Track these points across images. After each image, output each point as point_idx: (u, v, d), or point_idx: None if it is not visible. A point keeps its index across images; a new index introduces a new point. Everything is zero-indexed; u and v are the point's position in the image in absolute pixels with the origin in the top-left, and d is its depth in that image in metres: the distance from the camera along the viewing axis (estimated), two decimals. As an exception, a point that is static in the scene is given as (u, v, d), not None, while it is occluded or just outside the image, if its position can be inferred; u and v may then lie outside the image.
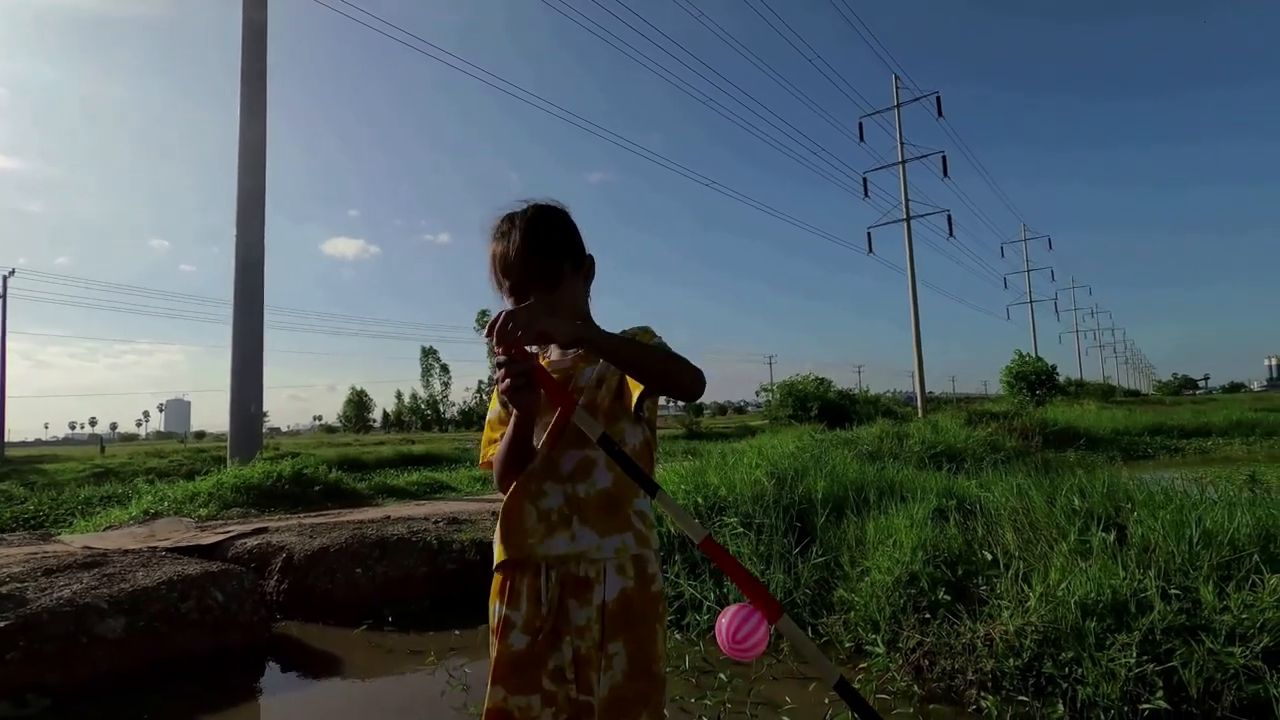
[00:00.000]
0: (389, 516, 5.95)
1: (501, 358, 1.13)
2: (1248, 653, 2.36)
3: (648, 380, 1.18)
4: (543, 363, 1.35)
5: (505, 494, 1.32)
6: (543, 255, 1.28)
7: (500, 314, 1.11)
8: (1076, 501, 3.46)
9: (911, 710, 2.72)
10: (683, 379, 1.18)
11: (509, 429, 1.27)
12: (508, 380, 1.14)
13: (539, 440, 1.29)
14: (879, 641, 3.11)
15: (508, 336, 1.08)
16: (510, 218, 1.33)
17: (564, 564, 1.23)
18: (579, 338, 1.13)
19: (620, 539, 1.24)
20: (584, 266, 1.36)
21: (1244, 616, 2.46)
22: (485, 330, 1.12)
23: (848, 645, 3.30)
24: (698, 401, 1.31)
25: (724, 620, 1.04)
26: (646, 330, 1.34)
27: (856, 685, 2.93)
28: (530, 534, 1.24)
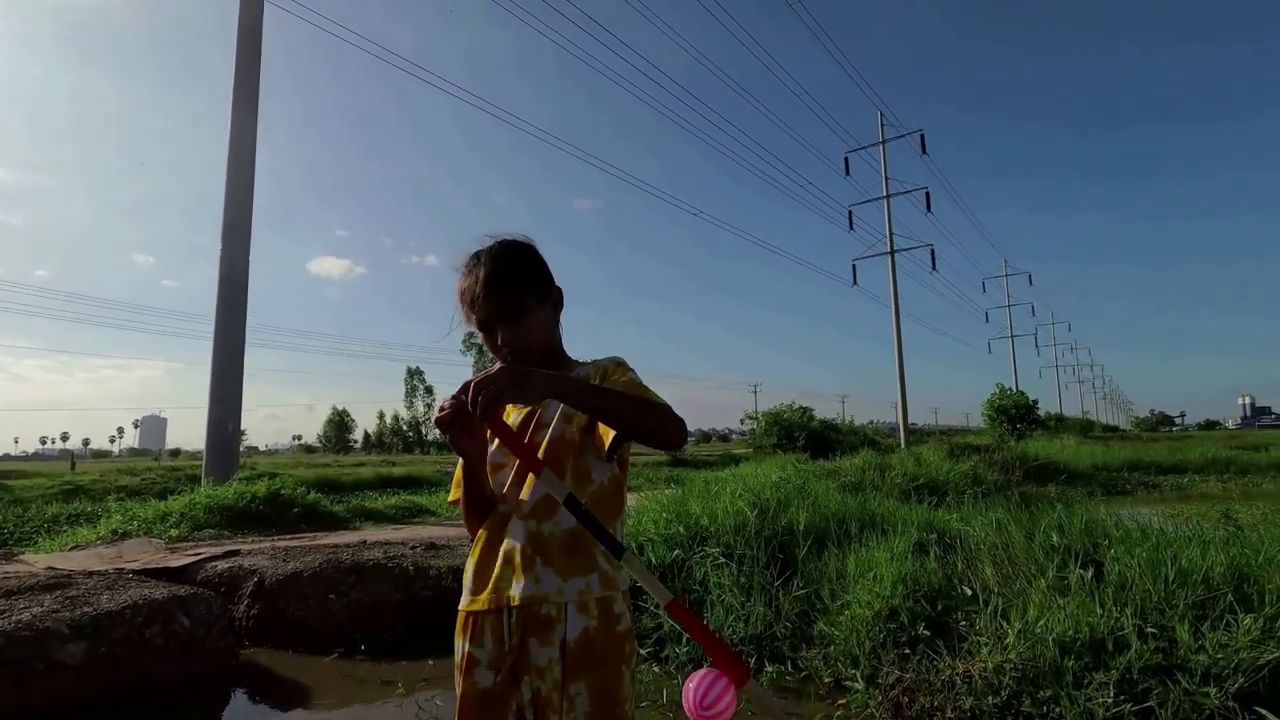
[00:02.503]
0: (365, 541, 5.84)
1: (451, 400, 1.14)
2: (1223, 693, 2.36)
3: (624, 431, 1.17)
4: (512, 415, 1.35)
5: (473, 535, 1.32)
6: (506, 290, 1.29)
7: (466, 384, 1.09)
8: (1055, 538, 3.47)
9: (890, 748, 2.69)
10: (661, 432, 1.15)
11: (457, 472, 1.29)
12: (443, 415, 1.14)
13: (504, 476, 1.28)
14: (858, 677, 3.09)
15: (479, 409, 1.06)
16: (476, 255, 1.34)
17: (526, 604, 1.21)
18: (558, 393, 1.12)
19: (584, 581, 1.21)
20: (551, 298, 1.36)
21: (1219, 657, 2.47)
22: (459, 390, 1.11)
23: (827, 680, 3.26)
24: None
25: (690, 685, 1.03)
26: (619, 364, 1.33)
27: (835, 722, 2.89)
28: (493, 577, 1.23)
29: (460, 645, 1.26)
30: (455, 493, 1.35)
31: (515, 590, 1.20)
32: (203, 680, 3.60)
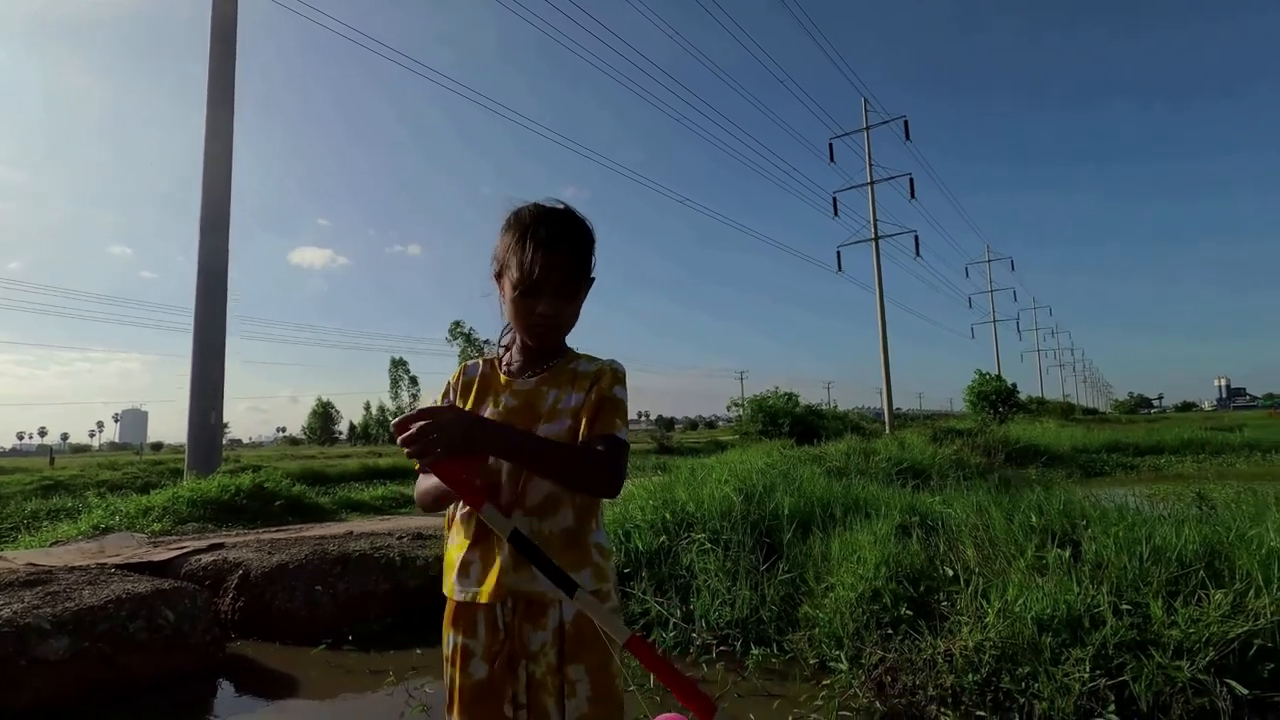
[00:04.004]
0: (351, 532, 5.82)
1: (409, 435, 1.09)
2: (1194, 666, 2.43)
3: (558, 482, 1.20)
4: (501, 379, 1.34)
5: (430, 512, 1.33)
6: (576, 264, 1.26)
7: (418, 415, 1.09)
8: (1034, 518, 3.54)
9: (873, 727, 2.74)
10: (589, 484, 1.19)
11: (430, 484, 1.26)
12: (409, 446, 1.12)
13: (498, 464, 1.25)
14: (842, 658, 3.13)
15: (423, 448, 1.07)
16: (552, 215, 1.27)
17: (525, 596, 1.21)
18: (503, 450, 1.15)
19: (578, 576, 1.20)
20: (588, 288, 1.35)
21: (1191, 631, 2.53)
22: (395, 424, 1.09)
23: (812, 662, 3.31)
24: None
25: None
26: (615, 377, 1.30)
27: (819, 703, 2.94)
28: (493, 571, 1.21)
29: (451, 638, 1.25)
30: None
31: (514, 584, 1.20)
32: (189, 674, 3.58)
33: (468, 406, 1.32)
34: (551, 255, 1.22)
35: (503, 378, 1.33)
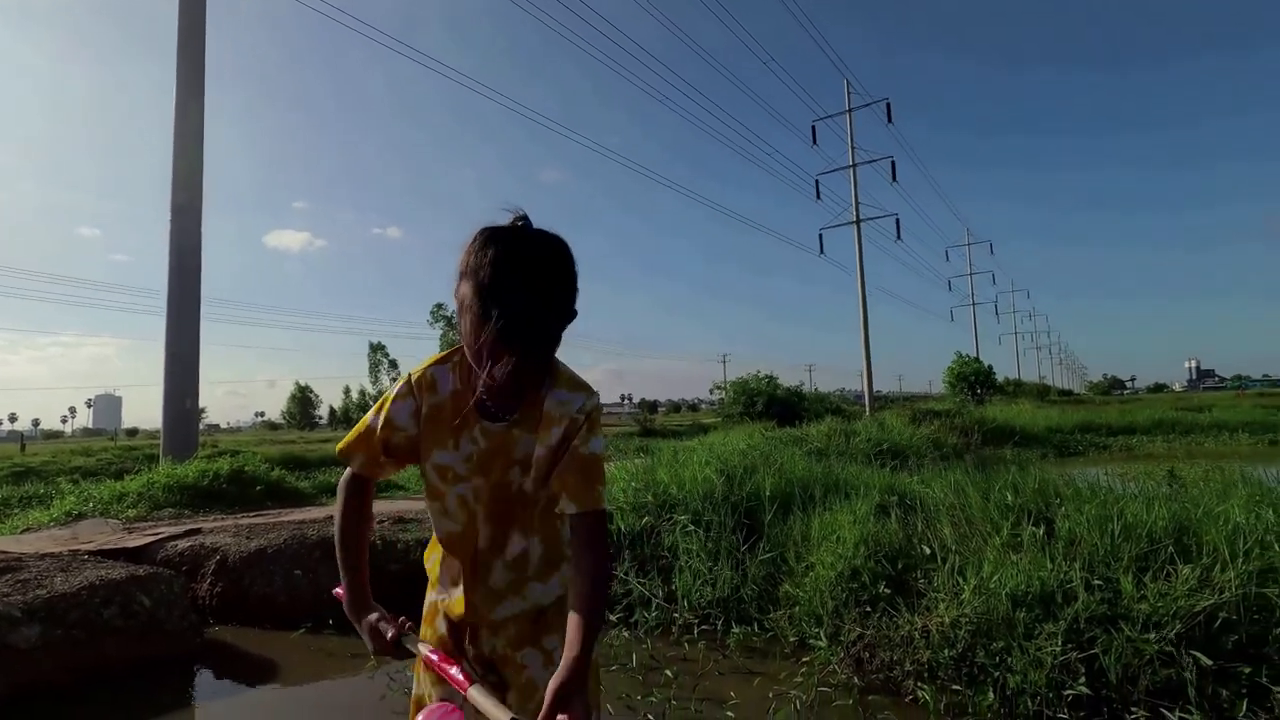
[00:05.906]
0: (332, 517, 5.77)
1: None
2: (1162, 639, 2.49)
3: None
4: (472, 409, 1.16)
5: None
6: (545, 336, 1.05)
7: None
8: (1010, 497, 3.60)
9: (851, 702, 2.79)
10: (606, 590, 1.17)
11: (346, 556, 1.26)
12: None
13: (465, 490, 1.20)
14: (822, 635, 3.18)
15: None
16: (519, 257, 1.00)
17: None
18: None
19: (557, 575, 1.27)
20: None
21: (1159, 605, 2.60)
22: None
23: (792, 640, 3.36)
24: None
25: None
26: (590, 418, 1.15)
27: (799, 680, 2.98)
28: (483, 603, 1.24)
29: (432, 595, 1.32)
30: (357, 457, 1.22)
31: (506, 610, 1.24)
32: (166, 660, 3.54)
33: (439, 433, 1.18)
34: (517, 326, 1.01)
35: (477, 425, 1.17)
